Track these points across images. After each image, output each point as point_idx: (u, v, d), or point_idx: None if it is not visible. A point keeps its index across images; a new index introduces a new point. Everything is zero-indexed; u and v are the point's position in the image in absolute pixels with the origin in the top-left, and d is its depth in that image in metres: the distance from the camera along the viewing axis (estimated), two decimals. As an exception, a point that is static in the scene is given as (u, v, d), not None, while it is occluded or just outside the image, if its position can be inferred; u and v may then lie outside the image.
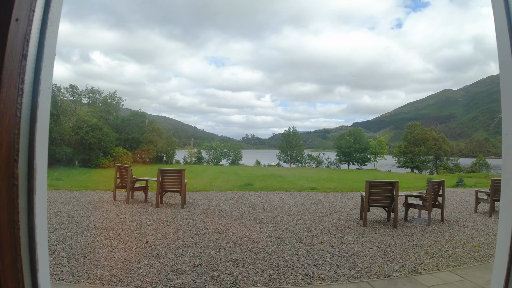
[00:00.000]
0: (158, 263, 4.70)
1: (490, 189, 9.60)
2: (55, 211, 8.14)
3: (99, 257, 4.90)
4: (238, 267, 4.68)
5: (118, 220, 7.43)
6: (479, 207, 10.12)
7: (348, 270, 4.70)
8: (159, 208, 9.05)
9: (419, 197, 8.79)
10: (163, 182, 9.21)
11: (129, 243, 5.64)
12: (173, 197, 10.87)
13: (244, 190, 13.70)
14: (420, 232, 7.25)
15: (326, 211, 9.34)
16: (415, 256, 5.50)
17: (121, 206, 9.11)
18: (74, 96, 54.25)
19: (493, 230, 7.55)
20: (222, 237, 6.28)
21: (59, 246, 5.38)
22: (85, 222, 7.10)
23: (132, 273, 4.33)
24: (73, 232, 6.29)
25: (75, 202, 9.51)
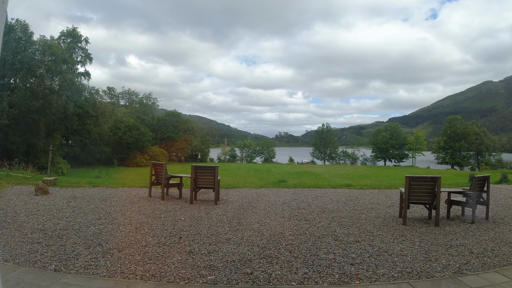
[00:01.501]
0: (191, 259, 4.68)
1: (542, 185, 8.92)
2: (92, 207, 8.37)
3: (133, 252, 4.95)
4: (272, 264, 4.57)
5: (153, 216, 7.53)
6: (528, 204, 9.45)
7: (387, 270, 4.47)
8: (193, 204, 9.10)
9: (462, 193, 8.32)
10: (196, 178, 9.25)
11: (163, 239, 5.67)
12: (207, 193, 10.92)
13: (277, 187, 13.56)
14: (464, 230, 6.83)
15: (363, 209, 9.03)
16: (459, 256, 5.16)
17: (156, 202, 9.25)
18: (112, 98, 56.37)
19: (545, 229, 6.99)
20: (255, 233, 6.19)
21: (95, 241, 5.48)
22: (121, 218, 7.24)
23: (165, 268, 4.32)
24: (109, 227, 6.42)
25: (112, 199, 9.76)
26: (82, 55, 38.75)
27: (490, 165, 54.57)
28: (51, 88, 29.55)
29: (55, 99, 28.94)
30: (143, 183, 13.29)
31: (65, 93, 31.24)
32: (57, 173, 25.42)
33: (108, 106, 45.36)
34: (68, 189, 11.45)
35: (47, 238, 5.59)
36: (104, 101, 47.89)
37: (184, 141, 56.12)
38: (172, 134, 56.25)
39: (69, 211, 7.83)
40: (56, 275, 4.09)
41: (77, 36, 37.83)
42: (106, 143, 40.43)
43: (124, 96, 58.69)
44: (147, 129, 46.50)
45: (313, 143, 77.68)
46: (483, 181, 8.07)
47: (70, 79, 30.81)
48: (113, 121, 42.25)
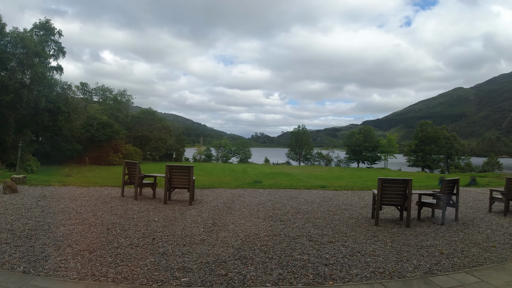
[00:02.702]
0: (165, 261, 4.59)
1: (505, 188, 9.30)
2: (62, 207, 8.10)
3: (104, 253, 4.81)
4: (247, 265, 4.55)
5: (126, 216, 7.36)
6: (493, 206, 9.84)
7: (360, 270, 4.53)
8: (167, 204, 8.96)
9: (432, 195, 8.56)
10: (171, 178, 9.11)
11: (136, 240, 5.54)
12: (182, 193, 10.78)
13: (253, 187, 13.56)
14: (434, 231, 7.04)
15: (337, 210, 9.15)
16: (430, 256, 5.30)
17: (129, 203, 9.05)
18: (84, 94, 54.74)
19: (508, 230, 7.30)
20: (230, 234, 6.15)
21: (65, 242, 5.30)
22: (92, 218, 7.04)
23: (137, 270, 4.22)
24: (80, 228, 6.22)
25: (83, 198, 9.48)
26: (55, 49, 37.45)
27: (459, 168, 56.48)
28: (22, 82, 28.42)
29: (25, 94, 27.86)
30: (115, 183, 12.99)
31: (36, 88, 30.05)
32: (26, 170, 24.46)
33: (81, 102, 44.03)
34: (37, 188, 11.07)
35: (16, 239, 5.37)
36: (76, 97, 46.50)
37: (159, 140, 55.26)
38: (146, 132, 55.31)
39: (38, 211, 7.55)
40: (25, 277, 3.92)
41: (50, 28, 36.54)
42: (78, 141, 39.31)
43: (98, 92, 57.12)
44: (121, 126, 45.45)
45: (288, 144, 78.08)
46: (452, 184, 8.33)
47: (42, 73, 29.66)
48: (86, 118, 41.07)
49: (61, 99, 36.59)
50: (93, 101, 54.07)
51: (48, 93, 33.59)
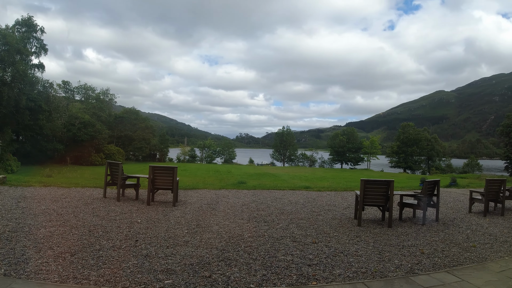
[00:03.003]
0: (148, 263, 4.54)
1: (485, 190, 9.56)
2: (43, 208, 7.93)
3: (86, 256, 4.72)
4: (231, 267, 4.54)
5: (108, 218, 7.25)
6: (473, 207, 10.10)
7: (343, 271, 4.58)
8: (150, 206, 8.87)
9: (414, 196, 8.72)
10: (154, 179, 9.03)
11: (118, 242, 5.47)
12: (165, 194, 10.69)
13: (237, 188, 13.55)
14: (415, 231, 7.17)
15: (320, 210, 9.23)
16: (411, 256, 5.41)
17: (111, 204, 8.92)
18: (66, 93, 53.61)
19: (488, 230, 7.50)
20: (214, 236, 6.13)
21: (46, 244, 5.19)
22: (74, 220, 6.91)
23: (120, 272, 4.16)
24: (61, 229, 6.10)
25: (64, 199, 9.30)
26: (37, 46, 36.58)
27: (440, 169, 57.65)
28: (3, 79, 27.67)
29: (6, 92, 27.13)
30: (97, 183, 12.79)
31: (17, 86, 29.29)
32: (6, 170, 23.77)
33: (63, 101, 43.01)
34: (17, 188, 10.82)
35: (-6, 241, 5.22)
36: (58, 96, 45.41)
37: (142, 140, 54.59)
38: (129, 132, 54.54)
39: (18, 212, 7.37)
40: (5, 280, 3.83)
41: (32, 25, 35.69)
42: (59, 140, 38.44)
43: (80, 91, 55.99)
44: (103, 126, 44.71)
45: (273, 145, 78.23)
46: (433, 185, 8.51)
47: (23, 70, 28.93)
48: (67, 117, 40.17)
49: (43, 97, 35.74)
50: (75, 100, 52.99)
51: (29, 92, 32.79)
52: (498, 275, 4.66)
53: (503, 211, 9.64)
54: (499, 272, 4.78)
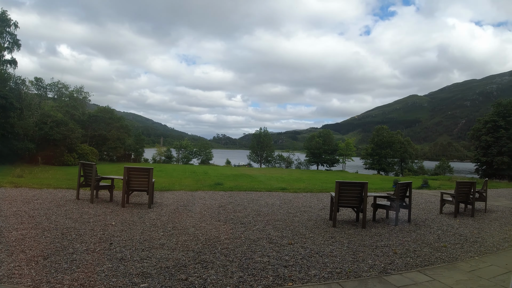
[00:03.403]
0: (123, 266, 4.47)
1: (455, 191, 9.92)
2: (14, 210, 7.67)
3: (59, 259, 4.61)
4: (207, 269, 4.54)
5: (81, 220, 7.08)
6: (444, 208, 10.44)
7: (318, 271, 4.66)
8: (125, 208, 8.72)
9: (387, 198, 8.94)
10: (129, 181, 8.89)
11: (92, 245, 5.36)
12: (140, 196, 10.54)
13: (214, 189, 13.50)
14: (388, 232, 7.37)
15: (296, 212, 9.33)
16: (384, 256, 5.55)
17: (84, 206, 8.72)
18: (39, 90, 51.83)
19: (458, 231, 7.78)
20: (190, 238, 6.10)
21: (17, 247, 5.02)
22: (46, 222, 6.71)
23: (94, 276, 4.09)
24: (33, 232, 5.92)
25: (36, 201, 9.02)
26: (10, 41, 35.33)
27: (412, 171, 59.34)
28: (-26, 75, 26.59)
29: (-24, 88, 26.09)
30: (70, 184, 12.46)
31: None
32: (-25, 171, 22.82)
33: (35, 98, 41.53)
34: (-16, 190, 10.40)
35: (-39, 245, 5.02)
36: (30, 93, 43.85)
37: (117, 140, 53.50)
38: (104, 131, 53.27)
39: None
40: (-26, 285, 3.69)
41: (6, 20, 34.44)
42: (31, 139, 37.10)
43: (53, 88, 54.21)
44: (77, 125, 43.46)
45: (250, 146, 78.35)
46: (405, 187, 8.76)
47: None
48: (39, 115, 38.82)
49: (14, 94, 34.43)
50: (47, 98, 51.36)
51: (1, 88, 31.57)
52: (468, 275, 4.85)
53: (473, 212, 10.01)
54: (469, 272, 4.98)
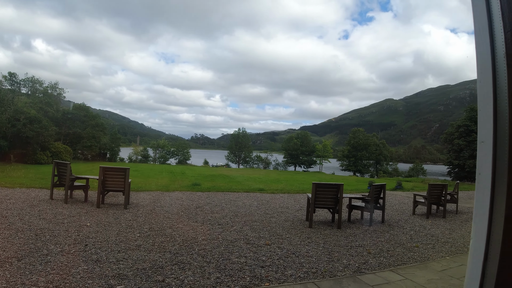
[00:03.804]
0: (99, 268, 4.42)
1: (427, 193, 10.25)
2: (-19, 211, 7.42)
3: (34, 261, 4.51)
4: (184, 270, 4.54)
5: (55, 221, 6.93)
6: (416, 209, 10.76)
7: (295, 271, 4.75)
8: (100, 208, 8.58)
9: (361, 199, 9.16)
10: (105, 181, 8.75)
11: (67, 246, 5.26)
12: (116, 196, 10.39)
13: (191, 190, 13.45)
14: (363, 232, 7.55)
15: (274, 212, 9.42)
16: (359, 256, 5.70)
17: (58, 206, 8.52)
18: (12, 85, 50.03)
19: (430, 232, 8.06)
20: (167, 239, 6.08)
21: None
22: (20, 223, 6.53)
23: (70, 278, 4.02)
24: (6, 233, 5.75)
25: (8, 201, 8.75)
26: (-16, 35, 34.03)
27: (387, 173, 60.79)
28: None
29: None
30: (43, 184, 12.15)
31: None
32: None
33: (8, 94, 40.02)
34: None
35: None
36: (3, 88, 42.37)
37: (92, 138, 52.26)
38: (78, 129, 51.93)
39: (-50, 215, 6.84)
40: None
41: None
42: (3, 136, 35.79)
43: (27, 84, 52.37)
44: (51, 122, 42.19)
45: (228, 146, 78.25)
46: (380, 189, 9.01)
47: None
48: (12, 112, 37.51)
49: None
50: (21, 93, 49.60)
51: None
52: (440, 274, 5.04)
53: (444, 214, 10.36)
54: (440, 271, 5.18)
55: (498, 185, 1.13)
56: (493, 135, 1.11)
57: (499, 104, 1.09)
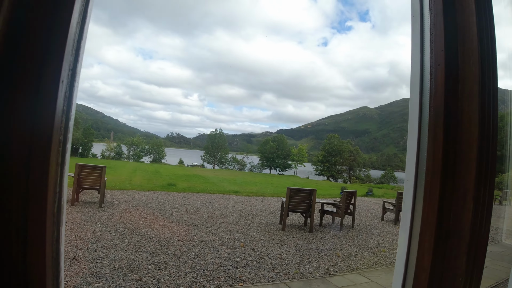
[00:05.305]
0: (76, 266, 4.47)
1: (396, 200, 10.71)
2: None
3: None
4: (161, 270, 4.66)
5: (28, 218, 6.85)
6: (385, 216, 11.20)
7: (267, 272, 4.95)
8: (75, 206, 8.51)
9: (333, 204, 9.49)
10: (80, 178, 8.69)
11: (41, 244, 5.25)
12: (90, 194, 10.29)
13: (166, 190, 13.45)
14: (333, 237, 7.85)
15: (248, 215, 9.61)
16: (328, 259, 5.97)
17: (30, 203, 8.38)
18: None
19: (397, 237, 8.43)
20: (143, 239, 6.15)
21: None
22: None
23: (45, 275, 4.06)
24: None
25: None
26: None
27: (360, 179, 62.27)
28: None
29: None
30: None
31: None
32: None
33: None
34: None
35: None
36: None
37: (64, 134, 50.89)
38: (49, 125, 50.49)
39: None
40: None
41: None
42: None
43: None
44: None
45: (204, 146, 77.92)
46: (351, 195, 9.36)
47: None
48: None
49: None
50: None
51: None
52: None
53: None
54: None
55: (419, 191, 1.28)
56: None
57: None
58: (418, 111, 1.25)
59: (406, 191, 1.31)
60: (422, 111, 1.25)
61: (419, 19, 1.30)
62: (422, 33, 1.29)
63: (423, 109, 1.25)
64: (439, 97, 1.19)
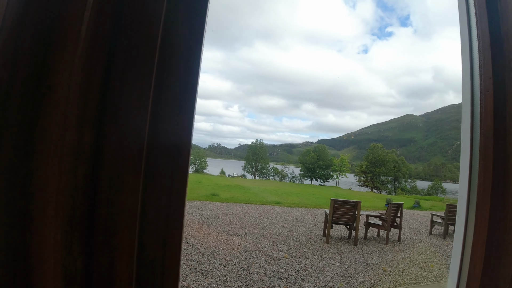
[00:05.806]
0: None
1: (445, 213, 10.24)
2: None
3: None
4: (207, 277, 4.81)
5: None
6: (434, 229, 10.74)
7: (312, 284, 4.95)
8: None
9: (378, 217, 9.27)
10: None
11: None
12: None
13: (210, 200, 13.77)
14: (379, 250, 7.66)
15: (291, 226, 9.61)
16: (374, 273, 5.85)
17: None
18: None
19: (446, 252, 8.09)
20: (190, 247, 6.37)
21: None
22: None
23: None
24: None
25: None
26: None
27: (405, 190, 60.05)
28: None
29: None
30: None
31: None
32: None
33: None
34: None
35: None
36: None
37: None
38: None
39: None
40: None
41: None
42: None
43: None
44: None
45: (245, 157, 78.76)
46: (397, 208, 9.10)
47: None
48: None
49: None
50: None
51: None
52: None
53: (460, 235, 10.30)
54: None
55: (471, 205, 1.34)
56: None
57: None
58: (470, 134, 1.32)
59: (460, 205, 1.37)
60: (473, 133, 1.31)
61: (468, 49, 1.37)
62: (471, 61, 1.36)
63: (474, 131, 1.31)
64: (489, 121, 1.25)
